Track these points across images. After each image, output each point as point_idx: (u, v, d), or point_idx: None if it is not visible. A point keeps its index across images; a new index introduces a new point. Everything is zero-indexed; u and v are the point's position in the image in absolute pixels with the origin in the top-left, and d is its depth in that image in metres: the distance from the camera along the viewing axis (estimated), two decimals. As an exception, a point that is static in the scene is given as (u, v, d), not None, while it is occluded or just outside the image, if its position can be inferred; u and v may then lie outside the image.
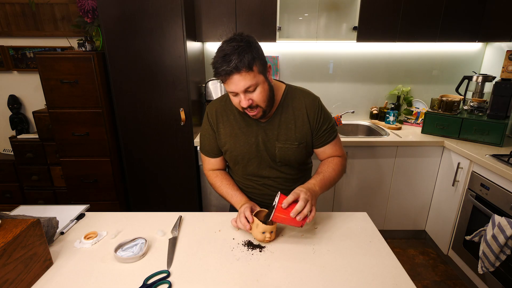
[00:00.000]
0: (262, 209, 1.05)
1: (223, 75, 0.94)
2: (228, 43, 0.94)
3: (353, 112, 2.50)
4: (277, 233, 1.03)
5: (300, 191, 0.95)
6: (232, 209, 1.31)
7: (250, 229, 0.98)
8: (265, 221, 0.98)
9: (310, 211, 0.93)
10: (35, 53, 2.04)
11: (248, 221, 0.98)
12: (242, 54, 0.91)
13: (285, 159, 1.13)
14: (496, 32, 2.04)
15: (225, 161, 1.25)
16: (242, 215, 1.00)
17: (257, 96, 0.99)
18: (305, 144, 1.13)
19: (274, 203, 0.94)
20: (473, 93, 2.23)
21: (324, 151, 1.17)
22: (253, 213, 1.01)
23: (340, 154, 1.19)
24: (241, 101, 0.99)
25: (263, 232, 0.95)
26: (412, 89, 2.56)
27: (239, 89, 0.96)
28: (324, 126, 1.13)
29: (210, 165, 1.25)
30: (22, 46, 2.42)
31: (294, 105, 1.12)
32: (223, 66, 0.92)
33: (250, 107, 1.00)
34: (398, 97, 2.53)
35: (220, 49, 0.95)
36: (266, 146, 1.12)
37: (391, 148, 2.11)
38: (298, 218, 0.90)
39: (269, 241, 0.98)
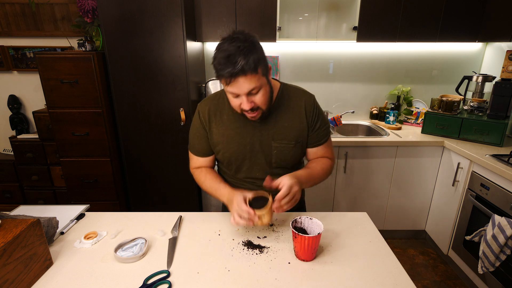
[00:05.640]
0: (256, 191, 1.01)
1: (227, 77, 0.89)
2: (230, 42, 0.89)
3: (353, 112, 2.50)
4: (277, 234, 1.03)
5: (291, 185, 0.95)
6: (225, 209, 1.29)
7: (253, 224, 0.94)
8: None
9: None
10: (35, 53, 2.04)
11: (248, 214, 0.93)
12: (248, 56, 0.87)
13: (281, 159, 1.11)
14: (496, 32, 2.04)
15: (214, 161, 1.21)
16: (244, 211, 0.94)
17: (260, 98, 0.97)
18: (301, 143, 1.12)
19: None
20: (473, 93, 2.23)
21: (316, 152, 1.17)
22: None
23: (331, 156, 1.20)
24: (242, 104, 0.96)
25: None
26: (412, 89, 2.56)
27: (242, 92, 0.93)
28: (318, 123, 1.12)
29: (197, 164, 1.20)
30: (22, 46, 2.43)
31: (291, 104, 1.10)
32: (228, 68, 0.87)
33: (252, 109, 0.98)
34: (398, 97, 2.53)
35: (222, 49, 0.90)
36: (262, 147, 1.10)
37: (391, 148, 2.11)
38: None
39: (262, 225, 0.95)
